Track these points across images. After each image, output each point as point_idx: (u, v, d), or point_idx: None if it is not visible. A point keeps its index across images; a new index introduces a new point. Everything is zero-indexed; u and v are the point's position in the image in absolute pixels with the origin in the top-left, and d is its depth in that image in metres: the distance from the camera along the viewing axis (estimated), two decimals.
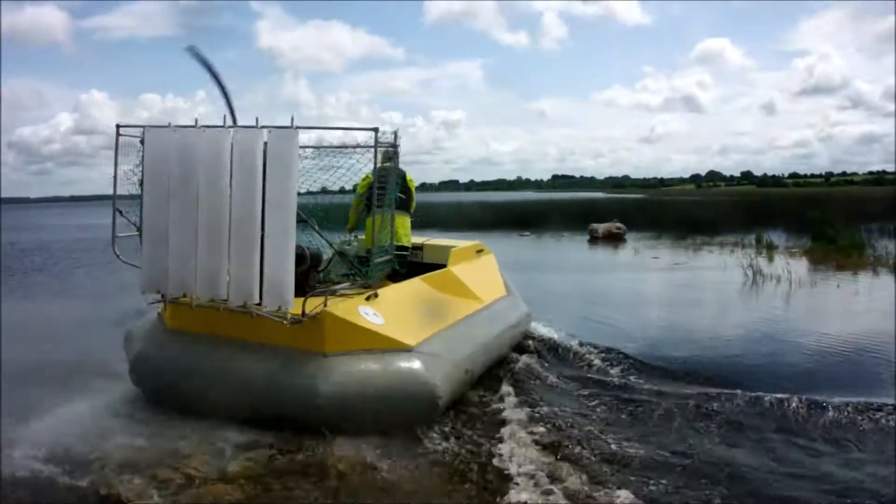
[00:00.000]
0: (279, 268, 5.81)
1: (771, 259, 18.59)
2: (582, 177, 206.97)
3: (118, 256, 6.98)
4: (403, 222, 8.11)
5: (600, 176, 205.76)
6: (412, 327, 6.59)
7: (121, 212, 7.11)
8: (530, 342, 9.11)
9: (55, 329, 10.98)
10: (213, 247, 6.03)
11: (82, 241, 33.01)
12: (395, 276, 7.57)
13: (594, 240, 26.91)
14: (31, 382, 7.52)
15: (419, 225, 8.91)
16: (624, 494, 5.01)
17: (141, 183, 6.67)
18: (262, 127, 6.01)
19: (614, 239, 26.75)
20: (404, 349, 6.19)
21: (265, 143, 5.99)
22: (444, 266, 8.48)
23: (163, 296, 6.51)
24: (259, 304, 5.93)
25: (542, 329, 9.93)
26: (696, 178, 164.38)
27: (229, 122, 6.52)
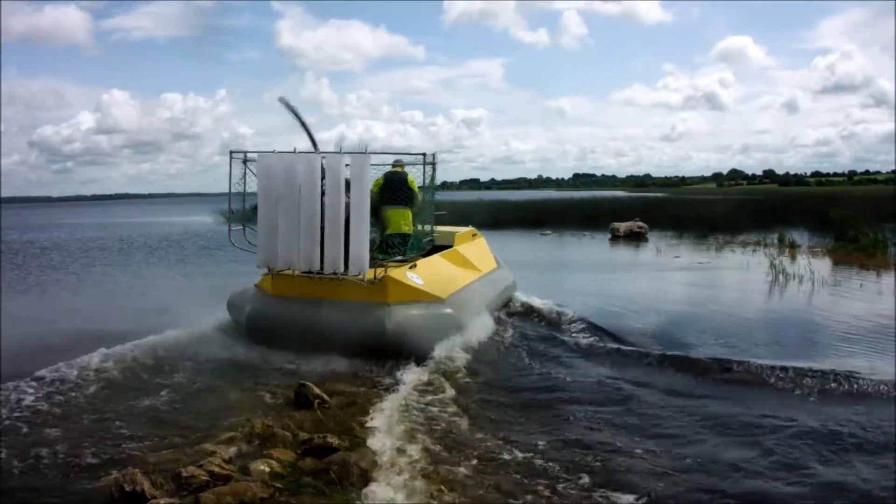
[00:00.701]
0: (359, 248, 8.79)
1: (793, 258, 18.50)
2: (603, 175, 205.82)
3: (233, 244, 10.42)
4: (406, 215, 10.33)
5: (621, 174, 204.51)
6: (441, 286, 9.68)
7: (233, 212, 10.42)
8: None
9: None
10: (310, 235, 8.98)
11: (98, 241, 33.35)
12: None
13: (616, 238, 26.84)
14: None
15: (443, 221, 11.40)
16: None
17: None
18: (345, 153, 9.07)
19: (636, 238, 26.68)
20: (438, 300, 9.39)
21: (346, 165, 8.95)
22: (451, 246, 11.47)
23: (269, 269, 9.46)
24: (345, 273, 8.89)
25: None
26: (717, 177, 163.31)
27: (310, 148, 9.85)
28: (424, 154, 9.95)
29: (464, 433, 6.46)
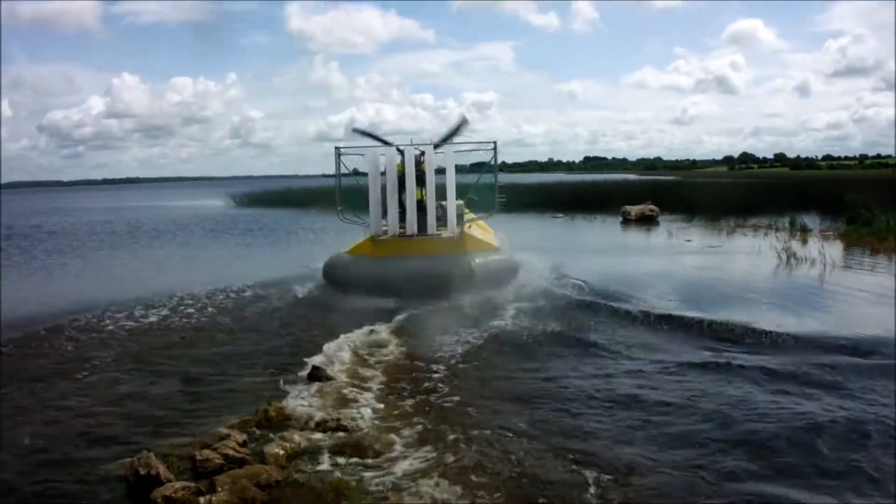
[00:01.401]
0: (452, 215, 12.49)
1: (805, 242, 18.42)
2: (614, 158, 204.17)
3: (342, 219, 13.64)
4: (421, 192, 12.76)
5: (632, 157, 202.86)
6: (491, 241, 13.06)
7: (341, 209, 13.65)
8: None
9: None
10: (412, 208, 12.43)
11: (107, 224, 33.46)
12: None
13: (627, 222, 26.78)
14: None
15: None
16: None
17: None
18: (433, 144, 12.70)
19: (647, 221, 26.62)
20: (495, 250, 12.69)
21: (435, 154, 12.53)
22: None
23: (373, 236, 12.37)
24: (437, 234, 12.38)
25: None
26: (728, 160, 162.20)
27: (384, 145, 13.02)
28: (495, 142, 12.75)
29: (483, 414, 6.49)
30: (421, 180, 12.44)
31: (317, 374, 7.39)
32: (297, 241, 23.67)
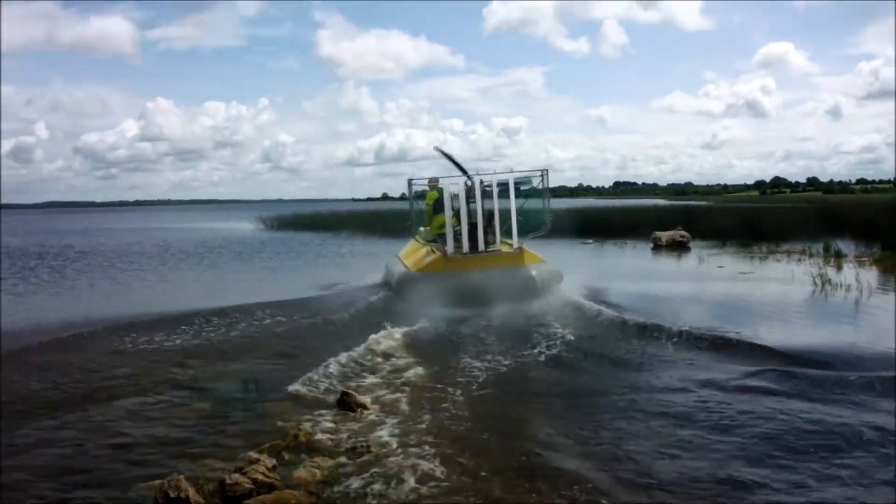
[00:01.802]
0: (514, 233, 13.60)
1: (839, 268, 18.17)
2: (644, 183, 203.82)
3: (416, 239, 15.27)
4: (442, 219, 13.91)
5: (662, 182, 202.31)
6: (539, 255, 13.94)
7: (410, 225, 15.52)
8: None
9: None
10: (480, 228, 13.62)
11: (136, 245, 33.82)
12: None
13: (658, 248, 26.56)
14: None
15: None
16: None
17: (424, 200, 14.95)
18: (496, 173, 13.95)
19: (678, 247, 26.39)
20: (543, 262, 13.81)
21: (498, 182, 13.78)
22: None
23: (444, 252, 13.33)
24: (499, 249, 13.71)
25: None
26: (760, 185, 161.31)
27: (459, 176, 14.10)
28: (546, 170, 14.05)
29: (519, 436, 6.43)
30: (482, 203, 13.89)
31: (346, 400, 7.35)
32: (324, 265, 23.72)
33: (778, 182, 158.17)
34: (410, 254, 15.23)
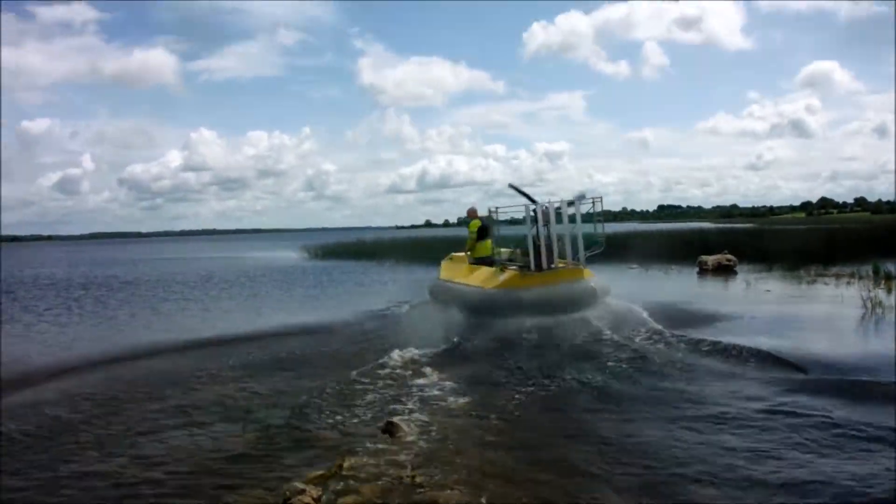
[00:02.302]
0: (580, 252, 14.69)
1: (890, 291, 17.84)
2: (689, 206, 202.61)
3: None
4: (489, 245, 16.44)
5: (707, 205, 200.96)
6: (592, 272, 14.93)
7: (498, 247, 16.12)
8: None
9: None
10: (547, 248, 14.50)
11: (178, 275, 34.17)
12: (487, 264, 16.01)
13: (703, 272, 26.24)
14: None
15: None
16: None
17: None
18: (568, 202, 14.77)
19: (725, 271, 26.07)
20: (597, 277, 14.84)
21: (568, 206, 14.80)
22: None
23: (522, 270, 14.52)
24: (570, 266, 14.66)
25: None
26: (806, 206, 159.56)
27: (528, 203, 15.06)
28: (600, 197, 15.07)
29: (565, 465, 6.36)
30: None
31: (391, 428, 7.33)
32: (362, 293, 23.76)
33: (825, 203, 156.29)
34: (466, 274, 16.32)
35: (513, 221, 16.33)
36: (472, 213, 16.99)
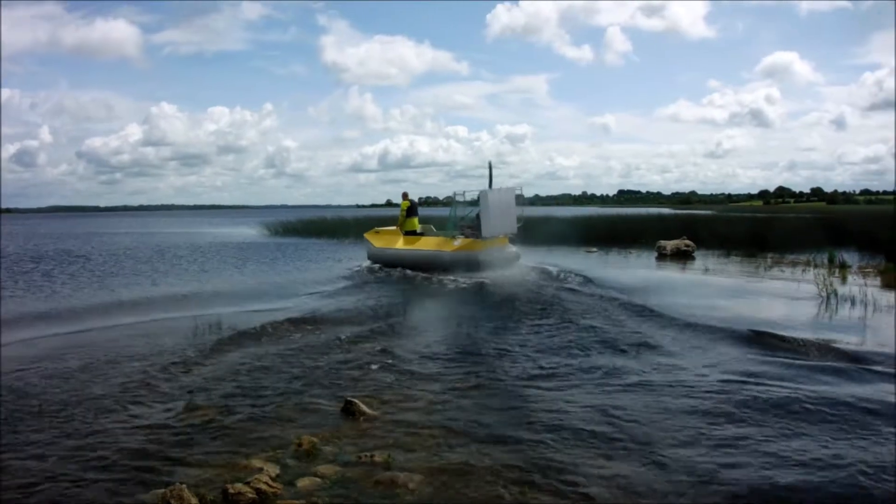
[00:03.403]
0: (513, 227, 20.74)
1: (844, 279, 18.14)
2: (648, 192, 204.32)
3: (459, 230, 20.80)
4: (416, 222, 22.06)
5: (666, 191, 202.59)
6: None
7: (462, 227, 20.80)
8: None
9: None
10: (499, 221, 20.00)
11: (132, 251, 33.71)
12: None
13: (662, 257, 26.49)
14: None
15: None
16: None
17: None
18: (510, 188, 20.74)
19: (683, 256, 26.34)
20: (513, 246, 20.90)
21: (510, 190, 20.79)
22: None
23: (474, 238, 19.93)
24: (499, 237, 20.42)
25: None
26: (764, 195, 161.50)
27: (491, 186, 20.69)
28: (521, 187, 21.01)
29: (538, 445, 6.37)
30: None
31: (351, 408, 7.31)
32: (315, 269, 23.89)
33: (782, 192, 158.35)
34: (410, 243, 21.61)
35: (470, 202, 21.08)
36: (404, 196, 22.41)
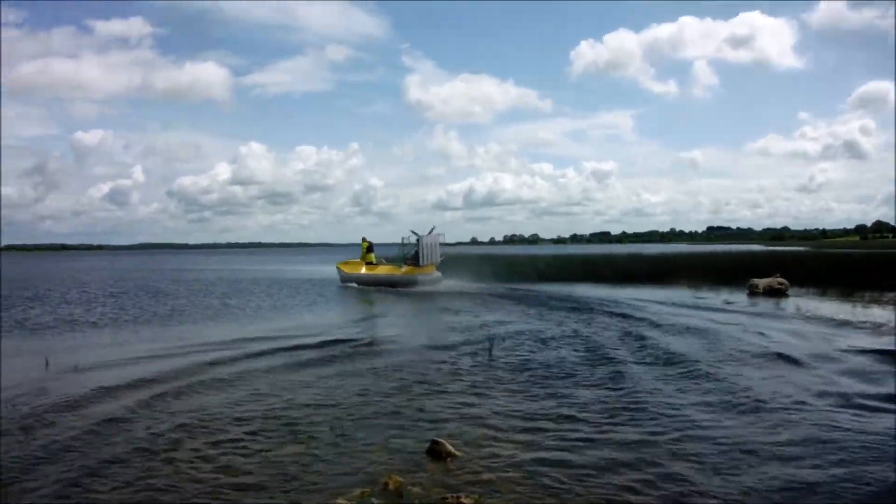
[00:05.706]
0: (435, 259, 33.81)
1: None
2: (738, 228, 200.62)
3: (402, 265, 32.64)
4: (373, 257, 34.12)
5: (758, 227, 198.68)
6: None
7: (402, 258, 33.57)
8: None
9: None
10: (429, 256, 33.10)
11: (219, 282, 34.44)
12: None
13: (754, 295, 25.78)
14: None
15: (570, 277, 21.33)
16: None
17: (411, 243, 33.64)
18: (437, 234, 33.60)
19: (776, 294, 25.60)
20: (438, 272, 33.77)
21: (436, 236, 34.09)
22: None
23: (416, 265, 32.17)
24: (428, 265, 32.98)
25: None
26: (860, 229, 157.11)
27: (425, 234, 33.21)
28: (443, 233, 34.16)
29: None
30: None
31: (437, 448, 7.24)
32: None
33: (880, 226, 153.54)
34: (372, 270, 32.91)
35: (404, 244, 32.89)
36: (364, 239, 34.10)
